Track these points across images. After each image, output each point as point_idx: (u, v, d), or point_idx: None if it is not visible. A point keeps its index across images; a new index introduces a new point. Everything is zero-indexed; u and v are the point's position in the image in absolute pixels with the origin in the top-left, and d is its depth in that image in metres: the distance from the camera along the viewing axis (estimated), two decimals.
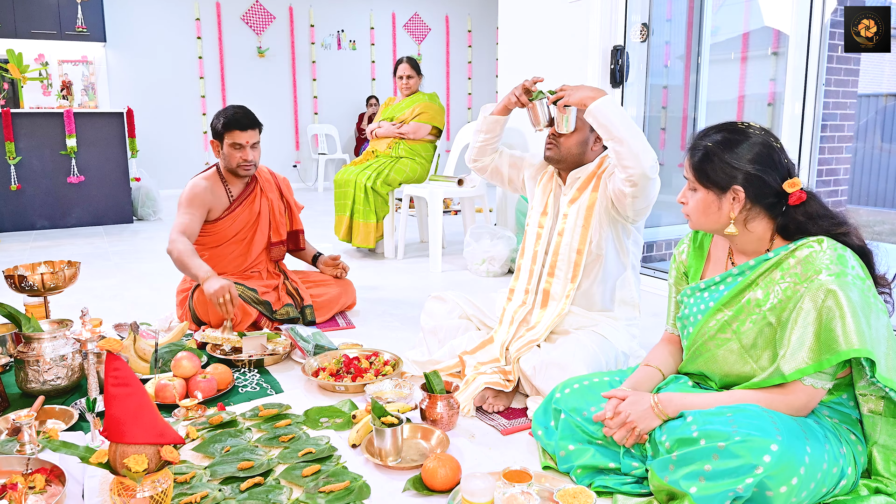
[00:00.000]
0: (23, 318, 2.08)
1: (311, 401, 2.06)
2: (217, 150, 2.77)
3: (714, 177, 1.43)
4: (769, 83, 4.25)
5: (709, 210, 1.47)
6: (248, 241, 2.86)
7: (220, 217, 2.78)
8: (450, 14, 9.61)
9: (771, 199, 1.43)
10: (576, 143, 2.05)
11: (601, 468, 1.54)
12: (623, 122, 1.82)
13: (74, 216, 5.80)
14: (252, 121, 2.73)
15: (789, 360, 1.35)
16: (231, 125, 2.69)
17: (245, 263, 2.87)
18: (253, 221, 2.85)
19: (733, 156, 1.41)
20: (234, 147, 2.71)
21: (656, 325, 2.18)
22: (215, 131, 2.75)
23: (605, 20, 3.47)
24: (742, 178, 1.41)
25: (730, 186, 1.42)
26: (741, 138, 1.43)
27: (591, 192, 2.03)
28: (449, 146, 8.63)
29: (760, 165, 1.41)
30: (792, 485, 1.25)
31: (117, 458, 1.28)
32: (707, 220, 1.49)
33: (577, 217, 2.04)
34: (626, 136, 1.81)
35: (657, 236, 4.02)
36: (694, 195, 1.49)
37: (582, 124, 2.01)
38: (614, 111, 1.84)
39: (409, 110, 4.39)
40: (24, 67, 5.65)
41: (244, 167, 2.74)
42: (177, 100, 8.13)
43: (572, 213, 2.05)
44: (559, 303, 2.07)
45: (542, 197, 2.16)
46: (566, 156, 2.06)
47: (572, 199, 2.06)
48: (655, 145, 4.18)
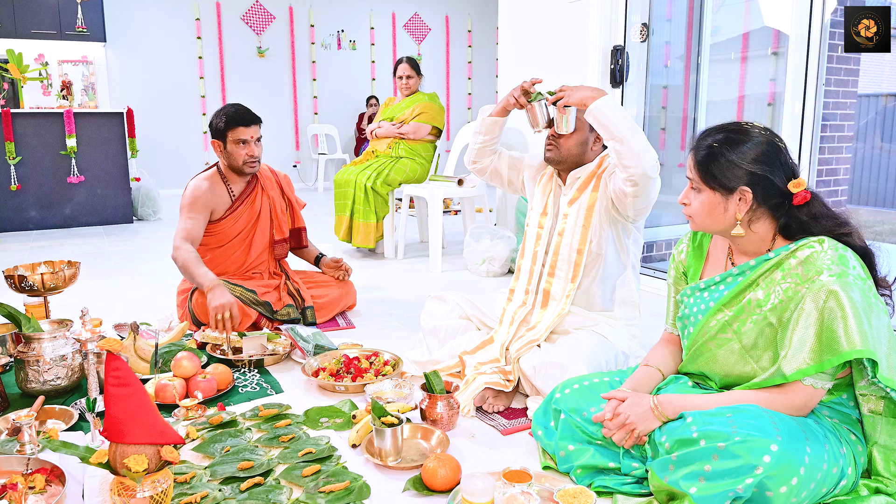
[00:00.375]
0: (23, 318, 2.08)
1: (311, 401, 2.06)
2: (219, 149, 2.75)
3: (721, 178, 1.42)
4: (769, 83, 4.25)
5: (714, 211, 1.45)
6: (249, 240, 2.85)
7: (222, 217, 2.78)
8: (450, 14, 9.61)
9: (776, 199, 1.42)
10: (576, 144, 2.05)
11: (601, 468, 1.54)
12: (624, 122, 1.82)
13: (74, 216, 5.81)
14: (253, 116, 2.73)
15: (790, 361, 1.35)
16: (234, 122, 2.68)
17: (246, 263, 2.86)
18: (254, 220, 2.84)
19: (741, 156, 1.40)
20: (238, 144, 2.70)
21: (656, 325, 2.18)
22: (216, 130, 2.72)
23: (605, 20, 3.47)
24: (750, 178, 1.40)
25: (737, 187, 1.41)
26: (747, 138, 1.42)
27: (592, 192, 2.03)
28: (449, 146, 8.63)
29: (768, 166, 1.40)
30: (792, 485, 1.25)
31: (117, 458, 1.28)
32: (712, 222, 1.47)
33: (578, 217, 2.04)
34: (627, 136, 1.81)
35: (657, 236, 4.02)
36: (698, 196, 1.47)
37: (581, 124, 2.01)
38: (615, 111, 1.84)
39: (409, 110, 4.39)
40: (24, 67, 5.64)
41: (250, 164, 2.73)
42: (177, 100, 8.13)
43: (572, 213, 2.05)
44: (559, 303, 2.07)
45: (542, 197, 2.16)
46: (566, 156, 2.06)
47: (572, 200, 2.06)
48: (655, 145, 4.18)
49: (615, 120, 1.83)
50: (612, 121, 1.83)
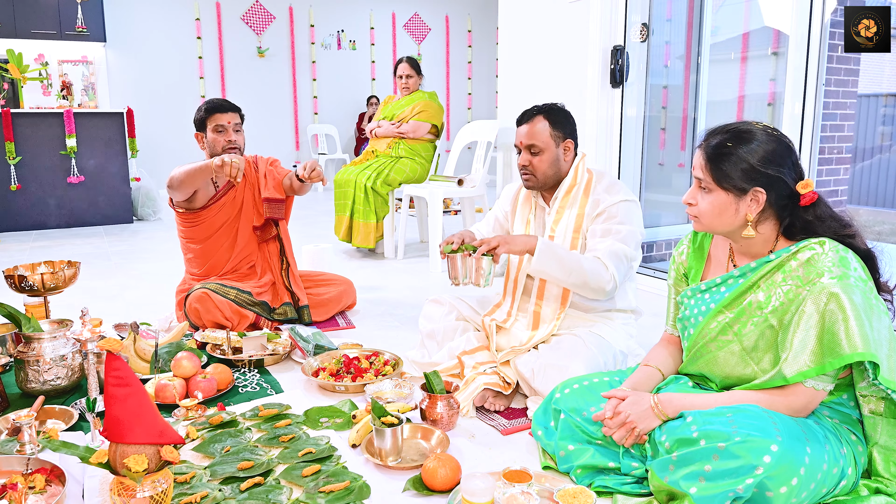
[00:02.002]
0: (23, 318, 2.08)
1: (311, 401, 2.06)
2: (201, 141, 2.79)
3: (735, 178, 1.39)
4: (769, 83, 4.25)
5: (725, 212, 1.43)
6: (234, 231, 2.84)
7: (204, 206, 2.78)
8: (450, 14, 9.60)
9: (785, 200, 1.42)
10: (549, 164, 2.03)
11: (601, 468, 1.54)
12: (562, 268, 1.86)
13: (74, 216, 5.80)
14: (232, 105, 2.78)
15: (791, 363, 1.35)
16: (212, 109, 2.74)
17: (233, 254, 2.84)
18: (238, 210, 2.83)
19: (755, 156, 1.38)
20: (217, 131, 2.73)
21: (656, 325, 2.18)
22: (198, 122, 2.78)
23: (605, 20, 3.47)
24: (764, 179, 1.38)
25: (750, 188, 1.39)
26: (759, 138, 1.39)
27: (577, 211, 2.03)
28: (449, 146, 8.63)
29: (781, 166, 1.38)
30: (792, 485, 1.25)
31: (117, 458, 1.28)
32: (721, 223, 1.45)
33: (564, 241, 2.04)
34: (570, 279, 1.87)
35: (657, 236, 4.02)
36: (707, 196, 1.44)
37: (547, 144, 2.01)
38: (551, 262, 1.87)
39: (409, 108, 4.39)
40: (24, 67, 5.65)
41: (229, 149, 2.74)
42: (177, 100, 8.13)
43: (559, 236, 2.05)
44: (549, 325, 2.07)
45: (524, 219, 2.17)
46: (544, 179, 2.06)
47: (557, 218, 2.06)
48: (655, 145, 4.18)
49: (554, 272, 1.87)
50: (552, 274, 1.87)
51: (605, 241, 1.94)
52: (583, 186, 2.05)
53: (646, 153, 3.71)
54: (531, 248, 1.89)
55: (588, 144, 3.59)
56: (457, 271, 1.93)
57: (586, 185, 2.05)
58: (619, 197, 1.99)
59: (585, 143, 3.60)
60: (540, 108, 2.05)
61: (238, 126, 2.77)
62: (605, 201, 2.00)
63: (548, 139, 2.01)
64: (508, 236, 1.92)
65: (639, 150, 3.67)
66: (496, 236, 1.91)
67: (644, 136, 3.69)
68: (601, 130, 3.57)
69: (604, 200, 2.00)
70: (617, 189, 2.03)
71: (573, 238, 2.02)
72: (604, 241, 1.95)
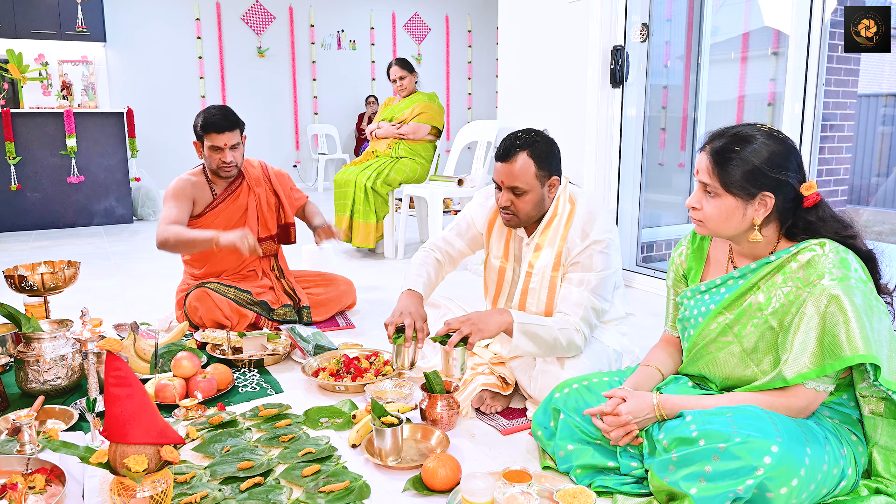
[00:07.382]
0: (23, 318, 2.08)
1: (311, 401, 2.06)
2: (199, 150, 2.74)
3: (744, 183, 1.38)
4: (769, 83, 4.25)
5: (732, 217, 1.41)
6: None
7: (202, 213, 2.75)
8: (450, 14, 9.60)
9: (790, 202, 1.41)
10: (533, 206, 1.87)
11: (601, 468, 1.55)
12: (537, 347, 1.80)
13: (74, 216, 5.80)
14: (231, 122, 2.66)
15: (792, 365, 1.35)
16: (208, 127, 2.65)
17: (238, 261, 2.82)
18: (239, 218, 2.80)
19: (762, 160, 1.37)
20: (212, 150, 2.68)
21: (656, 325, 2.18)
22: (196, 132, 2.72)
23: (605, 20, 3.47)
24: (772, 183, 1.37)
25: (759, 192, 1.38)
26: (765, 142, 1.38)
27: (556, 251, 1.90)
28: (449, 146, 8.62)
29: (787, 170, 1.38)
30: (792, 486, 1.25)
31: (117, 458, 1.28)
32: (727, 227, 1.43)
33: (543, 279, 1.93)
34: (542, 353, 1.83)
35: (657, 236, 4.02)
36: (713, 201, 1.42)
37: (533, 185, 1.83)
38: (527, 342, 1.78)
39: (409, 110, 4.40)
40: (24, 67, 5.65)
41: (224, 169, 2.70)
42: (177, 100, 8.12)
43: (537, 273, 1.94)
44: None
45: (499, 243, 2.07)
46: (527, 219, 1.91)
47: (536, 255, 1.95)
48: (655, 145, 4.18)
49: (530, 349, 1.80)
50: (528, 352, 1.81)
51: (579, 290, 1.85)
52: (564, 219, 1.91)
53: (646, 153, 3.71)
54: (507, 328, 1.79)
55: (588, 144, 3.59)
56: (403, 359, 1.82)
57: (568, 217, 1.91)
58: (591, 238, 1.85)
59: (585, 144, 3.61)
60: (522, 143, 1.82)
61: (236, 144, 2.70)
62: (577, 247, 1.86)
63: (532, 180, 1.82)
64: (477, 318, 1.77)
65: (639, 150, 3.67)
66: (464, 320, 1.76)
67: (644, 136, 3.68)
68: (601, 130, 3.56)
69: (577, 246, 1.86)
70: (594, 225, 1.87)
71: (552, 277, 1.91)
72: (577, 290, 1.85)
